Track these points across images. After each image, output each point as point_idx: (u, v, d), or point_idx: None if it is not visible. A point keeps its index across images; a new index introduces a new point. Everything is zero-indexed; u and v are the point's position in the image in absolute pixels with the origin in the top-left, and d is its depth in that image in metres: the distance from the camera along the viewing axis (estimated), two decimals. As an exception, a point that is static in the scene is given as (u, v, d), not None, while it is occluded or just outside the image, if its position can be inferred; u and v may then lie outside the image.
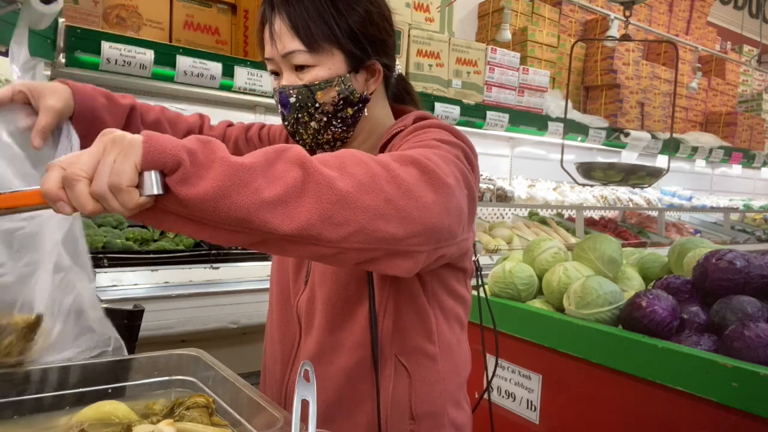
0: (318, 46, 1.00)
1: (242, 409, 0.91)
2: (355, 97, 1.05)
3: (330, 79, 1.02)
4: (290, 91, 1.02)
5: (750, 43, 6.92)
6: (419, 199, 0.78)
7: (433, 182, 0.81)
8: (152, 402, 0.96)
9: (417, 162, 0.81)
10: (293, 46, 1.00)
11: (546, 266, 2.01)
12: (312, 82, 1.01)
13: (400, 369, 1.05)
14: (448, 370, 1.11)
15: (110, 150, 0.63)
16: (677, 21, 5.59)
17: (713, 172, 6.66)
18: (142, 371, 1.02)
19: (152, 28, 2.64)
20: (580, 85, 4.81)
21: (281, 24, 1.00)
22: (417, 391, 1.06)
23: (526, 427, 1.83)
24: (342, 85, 1.03)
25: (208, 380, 1.02)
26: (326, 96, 1.02)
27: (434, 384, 1.08)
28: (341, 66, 1.02)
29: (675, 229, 4.81)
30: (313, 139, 1.07)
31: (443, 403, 1.09)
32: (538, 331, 1.79)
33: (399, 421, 1.05)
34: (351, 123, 1.07)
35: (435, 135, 0.97)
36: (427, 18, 3.39)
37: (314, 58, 1.00)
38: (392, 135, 1.06)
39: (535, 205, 4.09)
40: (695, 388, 1.39)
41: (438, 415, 1.09)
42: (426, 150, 0.88)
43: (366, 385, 1.05)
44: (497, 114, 3.65)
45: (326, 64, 1.01)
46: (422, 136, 0.98)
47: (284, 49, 1.00)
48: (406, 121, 1.07)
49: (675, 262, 2.00)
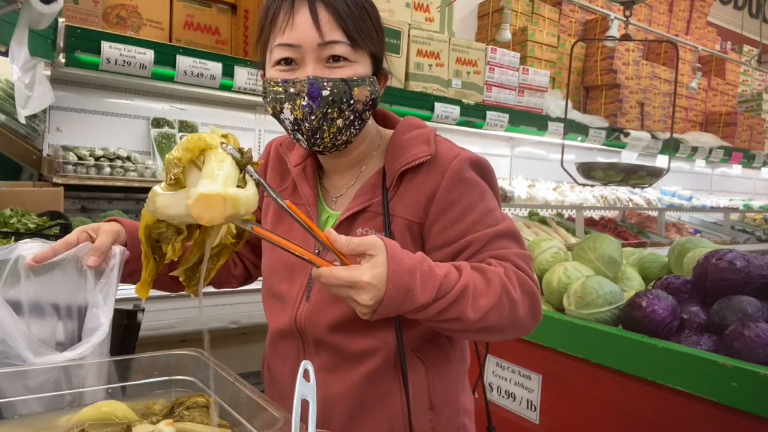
0: (357, 42, 0.98)
1: (242, 409, 0.91)
2: (377, 100, 1.05)
3: (365, 77, 1.00)
4: (324, 83, 0.96)
5: (750, 43, 6.92)
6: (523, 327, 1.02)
7: (534, 308, 1.02)
8: (152, 402, 0.96)
9: (531, 294, 1.00)
10: (336, 36, 0.96)
11: (546, 266, 2.01)
12: (351, 77, 0.98)
13: (416, 362, 1.08)
14: (457, 358, 1.14)
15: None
16: (677, 21, 5.59)
17: (713, 172, 6.66)
18: (142, 371, 1.02)
19: (152, 28, 2.64)
20: (580, 85, 4.81)
21: (325, 11, 0.96)
22: (434, 382, 1.09)
23: (526, 427, 1.82)
24: (372, 86, 1.02)
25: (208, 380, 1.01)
26: (361, 93, 0.99)
27: (448, 373, 1.12)
28: (369, 66, 1.02)
29: (675, 229, 4.81)
30: (332, 138, 1.01)
31: (455, 390, 1.13)
32: (538, 331, 1.79)
33: (420, 412, 1.07)
34: (361, 126, 1.05)
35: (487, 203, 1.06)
36: (427, 18, 3.39)
37: (354, 54, 0.99)
38: (419, 162, 1.04)
39: (535, 205, 4.09)
40: (695, 388, 1.39)
41: (452, 402, 1.12)
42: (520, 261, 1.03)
43: (388, 384, 1.06)
44: (497, 114, 3.65)
45: (361, 61, 1.00)
46: (470, 197, 1.05)
47: (326, 37, 0.96)
48: (428, 145, 1.06)
49: (675, 262, 2.00)
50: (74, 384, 0.94)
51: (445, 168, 1.04)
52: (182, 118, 3.00)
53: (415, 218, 1.05)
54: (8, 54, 1.97)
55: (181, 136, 2.89)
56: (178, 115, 3.01)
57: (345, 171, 1.14)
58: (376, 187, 1.08)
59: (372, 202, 1.07)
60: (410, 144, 1.07)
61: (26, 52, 1.95)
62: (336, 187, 1.15)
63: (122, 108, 2.87)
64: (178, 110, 3.03)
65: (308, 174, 1.15)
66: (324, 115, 0.98)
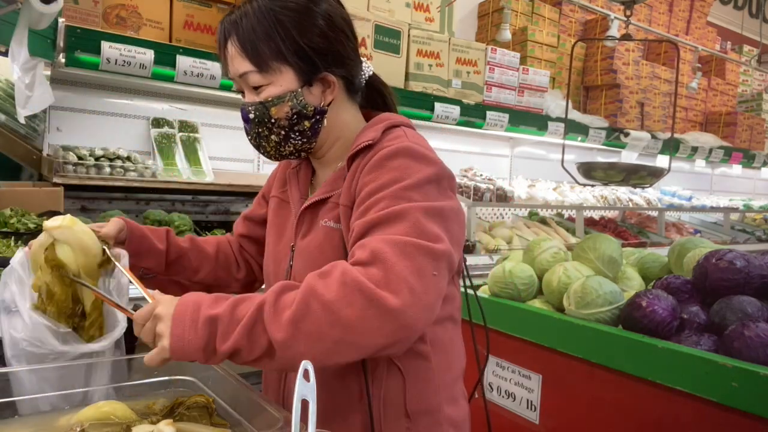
0: (267, 66, 1.04)
1: (242, 409, 0.91)
2: (308, 110, 1.07)
3: (282, 95, 1.06)
4: (249, 108, 1.08)
5: (750, 43, 6.92)
6: (365, 332, 0.85)
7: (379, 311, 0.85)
8: (152, 402, 0.96)
9: (362, 290, 0.85)
10: (244, 67, 1.05)
11: (546, 266, 2.01)
12: (266, 99, 1.06)
13: (393, 369, 1.06)
14: (441, 367, 1.11)
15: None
16: (677, 21, 5.59)
17: (713, 172, 6.65)
18: (142, 371, 1.02)
19: (152, 28, 2.63)
20: (580, 85, 4.81)
21: (232, 47, 1.06)
22: (411, 390, 1.07)
23: (526, 427, 1.83)
24: (294, 100, 1.06)
25: (208, 380, 1.02)
26: (280, 111, 1.06)
27: (428, 382, 1.09)
28: (292, 82, 1.06)
29: (675, 229, 4.81)
30: (275, 151, 1.12)
31: (438, 400, 1.10)
32: (538, 331, 1.79)
33: (394, 419, 1.06)
34: (311, 134, 1.10)
35: (402, 175, 0.97)
36: (427, 18, 3.39)
37: (265, 78, 1.05)
38: (360, 147, 1.05)
39: (535, 205, 4.09)
40: (695, 388, 1.39)
41: (433, 412, 1.09)
42: (382, 249, 0.88)
43: (359, 386, 1.05)
44: (497, 114, 3.65)
45: (277, 81, 1.06)
46: (386, 177, 0.97)
47: (237, 72, 1.07)
48: (375, 133, 1.06)
49: (675, 262, 2.00)
50: (85, 382, 0.99)
51: (377, 151, 1.03)
52: (182, 118, 3.00)
53: (348, 202, 1.05)
54: (8, 54, 1.97)
55: (181, 136, 2.90)
56: (178, 115, 3.02)
57: (326, 167, 1.19)
58: (338, 179, 1.11)
59: (333, 193, 1.10)
60: (362, 135, 1.09)
61: (26, 52, 1.94)
62: (320, 183, 1.19)
63: (122, 108, 2.87)
64: (178, 110, 3.03)
65: (300, 176, 1.22)
66: (257, 134, 1.11)
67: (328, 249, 1.07)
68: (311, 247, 1.09)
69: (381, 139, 1.06)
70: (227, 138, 3.16)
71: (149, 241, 1.21)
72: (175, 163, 2.76)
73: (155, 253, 1.21)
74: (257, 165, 3.29)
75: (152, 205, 2.82)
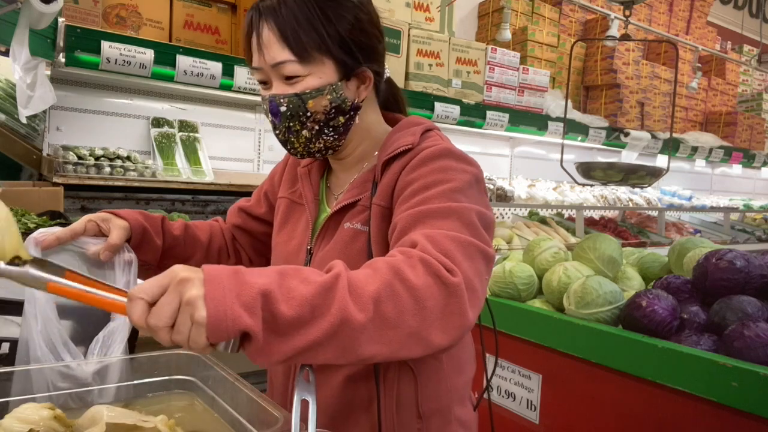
0: (308, 56, 0.98)
1: (242, 409, 0.91)
2: (346, 105, 1.04)
3: (321, 87, 1.01)
4: (281, 99, 1.01)
5: (750, 42, 6.92)
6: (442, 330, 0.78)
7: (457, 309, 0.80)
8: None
9: (446, 285, 0.79)
10: (283, 56, 0.98)
11: (546, 266, 2.01)
12: (303, 90, 1.00)
13: (405, 369, 1.06)
14: (453, 369, 1.12)
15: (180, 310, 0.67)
16: (677, 21, 5.59)
17: (713, 171, 6.65)
18: (142, 371, 1.02)
19: (152, 27, 2.63)
20: (580, 85, 4.81)
21: (269, 33, 0.98)
22: (423, 390, 1.07)
23: (526, 427, 1.83)
24: (334, 94, 1.02)
25: (208, 380, 1.02)
26: (318, 105, 1.01)
27: (440, 382, 1.09)
28: (332, 74, 1.01)
29: (675, 229, 4.81)
30: (304, 148, 1.07)
31: (449, 401, 1.10)
32: (538, 331, 1.79)
33: (407, 420, 1.06)
34: (343, 131, 1.07)
35: (448, 176, 0.95)
36: (427, 18, 3.39)
37: (305, 68, 0.99)
38: (400, 151, 1.04)
39: (535, 205, 4.09)
40: (695, 388, 1.39)
41: (444, 413, 1.09)
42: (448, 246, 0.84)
43: (370, 388, 1.05)
44: (497, 114, 3.65)
45: (317, 72, 1.00)
46: (434, 176, 0.96)
47: (273, 60, 0.99)
48: (413, 137, 1.05)
49: (675, 262, 2.00)
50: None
51: (418, 153, 1.03)
52: (182, 118, 3.00)
53: (385, 203, 1.04)
54: (9, 54, 1.97)
55: (181, 136, 2.90)
56: (178, 114, 3.02)
57: (348, 169, 1.16)
58: (367, 182, 1.09)
59: (362, 196, 1.08)
60: (398, 138, 1.08)
61: (27, 52, 1.95)
62: (339, 185, 1.17)
63: (122, 108, 2.87)
64: (178, 110, 3.03)
65: (312, 175, 1.19)
66: (287, 128, 1.04)
67: (352, 251, 1.05)
68: (334, 251, 1.07)
69: (419, 142, 1.05)
70: (227, 138, 3.16)
71: (149, 236, 1.17)
72: (175, 163, 2.76)
73: (153, 248, 1.18)
74: (257, 165, 3.29)
75: (152, 205, 2.82)
